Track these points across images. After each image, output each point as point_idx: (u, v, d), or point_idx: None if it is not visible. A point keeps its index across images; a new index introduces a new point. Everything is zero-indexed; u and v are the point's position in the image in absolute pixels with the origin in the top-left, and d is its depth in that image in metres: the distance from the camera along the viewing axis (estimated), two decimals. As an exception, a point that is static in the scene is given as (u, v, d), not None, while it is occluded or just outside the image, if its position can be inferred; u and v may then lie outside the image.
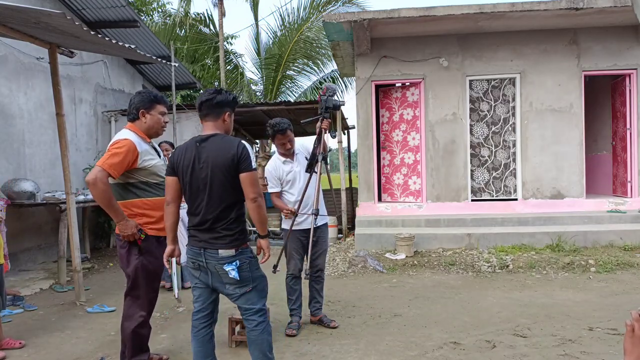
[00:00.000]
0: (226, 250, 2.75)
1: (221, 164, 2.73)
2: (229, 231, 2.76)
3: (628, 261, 6.38)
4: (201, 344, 2.96)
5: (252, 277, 2.84)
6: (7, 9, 3.98)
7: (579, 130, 8.18)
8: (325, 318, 4.40)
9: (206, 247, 2.79)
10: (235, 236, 2.77)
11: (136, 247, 3.27)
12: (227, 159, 2.72)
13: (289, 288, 4.31)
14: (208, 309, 2.96)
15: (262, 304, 2.92)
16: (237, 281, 2.77)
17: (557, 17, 7.59)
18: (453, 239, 7.32)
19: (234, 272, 2.74)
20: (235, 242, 2.77)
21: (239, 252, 2.78)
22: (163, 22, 16.25)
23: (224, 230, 2.76)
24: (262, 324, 2.88)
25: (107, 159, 3.13)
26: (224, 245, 2.76)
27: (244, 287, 2.82)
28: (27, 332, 4.38)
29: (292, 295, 4.30)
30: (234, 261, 2.75)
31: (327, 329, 4.30)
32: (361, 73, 8.43)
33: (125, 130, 3.33)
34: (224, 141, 2.79)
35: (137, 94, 3.42)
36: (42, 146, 7.64)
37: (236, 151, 2.73)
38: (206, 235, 2.79)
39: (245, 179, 2.75)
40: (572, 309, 4.74)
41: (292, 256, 4.26)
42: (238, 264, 2.76)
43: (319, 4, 15.36)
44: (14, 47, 7.03)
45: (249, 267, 2.82)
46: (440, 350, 3.76)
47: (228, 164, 2.72)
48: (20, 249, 6.94)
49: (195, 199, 2.81)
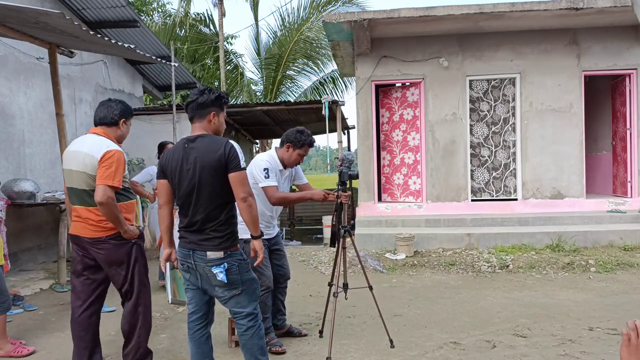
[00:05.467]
0: (214, 252, 2.72)
1: (208, 165, 2.70)
2: (218, 233, 2.73)
3: (628, 261, 6.38)
4: (198, 345, 2.95)
5: (241, 280, 2.80)
6: (6, 9, 3.98)
7: (579, 130, 8.18)
8: (293, 327, 4.22)
9: (195, 248, 2.76)
10: (224, 238, 2.74)
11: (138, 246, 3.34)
12: (214, 160, 2.69)
13: (265, 305, 3.78)
14: (202, 310, 2.94)
15: (253, 308, 2.88)
16: (226, 284, 2.74)
17: (557, 17, 7.59)
18: (453, 239, 7.32)
19: (222, 274, 2.70)
20: (224, 244, 2.74)
21: (228, 255, 2.75)
22: (163, 22, 16.26)
23: (212, 232, 2.73)
24: (252, 328, 2.86)
25: (113, 175, 3.13)
26: (213, 247, 2.72)
27: (233, 289, 2.78)
28: (27, 332, 4.38)
29: (268, 313, 3.87)
30: (222, 264, 2.71)
31: (327, 329, 4.29)
32: (361, 73, 8.43)
33: (101, 137, 3.29)
34: (211, 141, 2.75)
35: (118, 102, 3.43)
36: (42, 146, 7.64)
37: (223, 151, 2.69)
38: (195, 236, 2.76)
39: (234, 179, 2.71)
40: (572, 309, 4.74)
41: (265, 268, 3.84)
42: (226, 267, 2.72)
43: (319, 4, 15.38)
44: (14, 47, 7.03)
45: (238, 270, 2.77)
46: (440, 351, 3.76)
47: (215, 164, 2.69)
48: (21, 249, 6.94)
49: (185, 200, 2.79)
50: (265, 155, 3.89)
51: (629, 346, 1.31)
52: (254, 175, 3.73)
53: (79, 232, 3.26)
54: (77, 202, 3.26)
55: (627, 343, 1.32)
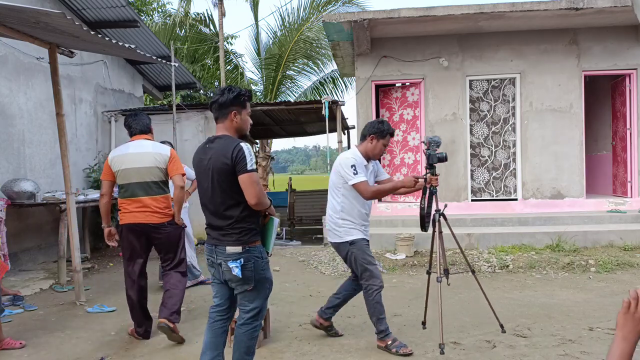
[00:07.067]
0: (233, 247, 2.80)
1: (219, 167, 2.77)
2: (235, 230, 2.80)
3: (628, 261, 6.38)
4: (214, 335, 3.01)
5: (255, 277, 2.83)
6: (6, 9, 3.98)
7: (579, 130, 8.18)
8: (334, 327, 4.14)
9: (217, 243, 2.86)
10: (241, 234, 2.80)
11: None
12: (223, 162, 2.75)
13: (379, 305, 3.72)
14: (226, 304, 3.02)
15: (258, 304, 2.91)
16: (240, 279, 2.80)
17: (557, 17, 7.59)
18: (453, 239, 7.30)
19: (237, 269, 2.77)
20: (241, 239, 2.80)
21: (246, 250, 2.80)
22: (163, 22, 16.25)
23: (229, 228, 2.80)
24: (247, 326, 2.90)
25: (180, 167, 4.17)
26: (231, 242, 2.80)
27: (245, 285, 2.84)
28: (27, 332, 4.37)
29: (383, 313, 3.76)
30: (239, 259, 2.78)
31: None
32: (361, 73, 8.43)
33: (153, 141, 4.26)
34: (224, 143, 2.81)
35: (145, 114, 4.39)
36: (42, 146, 7.64)
37: (231, 154, 2.74)
38: (216, 232, 2.87)
39: (242, 181, 2.75)
40: (572, 309, 4.74)
41: (374, 269, 3.75)
42: (242, 262, 2.78)
43: (319, 4, 15.36)
44: (14, 47, 7.03)
45: (253, 267, 2.82)
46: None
47: (224, 167, 2.75)
48: (21, 249, 6.94)
49: (205, 199, 2.90)
50: (348, 153, 3.84)
51: (627, 313, 1.34)
52: (341, 175, 3.72)
53: (144, 220, 4.02)
54: (143, 193, 4.03)
55: (625, 310, 1.35)
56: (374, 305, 3.70)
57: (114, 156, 4.16)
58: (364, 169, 3.76)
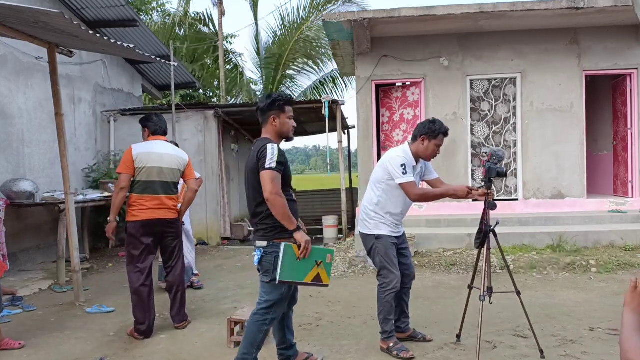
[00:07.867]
0: (260, 241, 3.06)
1: (250, 167, 3.07)
2: (262, 225, 3.05)
3: (629, 261, 6.36)
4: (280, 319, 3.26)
5: (272, 271, 2.99)
6: (6, 9, 3.97)
7: (579, 130, 8.16)
8: (417, 332, 4.01)
9: (254, 237, 3.17)
10: (268, 230, 3.02)
11: None
12: (253, 162, 3.03)
13: (389, 306, 3.68)
14: None
15: (272, 298, 3.04)
16: (258, 268, 3.07)
17: (558, 16, 7.57)
18: (454, 239, 7.30)
19: (256, 257, 3.05)
20: (268, 235, 3.02)
21: (271, 245, 3.00)
22: (162, 22, 16.25)
23: (260, 224, 3.07)
24: (259, 316, 3.08)
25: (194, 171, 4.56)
26: (260, 237, 3.07)
27: (263, 276, 3.06)
28: (26, 332, 4.36)
29: (392, 315, 3.71)
30: (261, 248, 3.03)
31: (326, 329, 4.28)
32: (361, 72, 8.42)
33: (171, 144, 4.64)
34: (258, 145, 3.08)
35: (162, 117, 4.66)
36: (41, 146, 7.62)
37: (257, 153, 3.00)
38: (254, 227, 3.16)
39: (261, 177, 2.95)
40: (573, 309, 4.73)
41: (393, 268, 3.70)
42: (262, 252, 3.02)
43: (319, 3, 15.35)
44: (14, 47, 7.02)
45: (272, 261, 2.98)
46: (441, 351, 3.75)
47: (254, 166, 3.02)
48: (20, 249, 6.92)
49: (247, 195, 3.21)
50: (400, 151, 3.72)
51: (634, 292, 1.47)
52: (389, 171, 3.65)
53: (161, 216, 4.21)
54: (162, 192, 4.23)
55: (633, 289, 1.47)
56: (384, 304, 3.69)
57: (140, 152, 4.19)
58: (412, 170, 3.69)
